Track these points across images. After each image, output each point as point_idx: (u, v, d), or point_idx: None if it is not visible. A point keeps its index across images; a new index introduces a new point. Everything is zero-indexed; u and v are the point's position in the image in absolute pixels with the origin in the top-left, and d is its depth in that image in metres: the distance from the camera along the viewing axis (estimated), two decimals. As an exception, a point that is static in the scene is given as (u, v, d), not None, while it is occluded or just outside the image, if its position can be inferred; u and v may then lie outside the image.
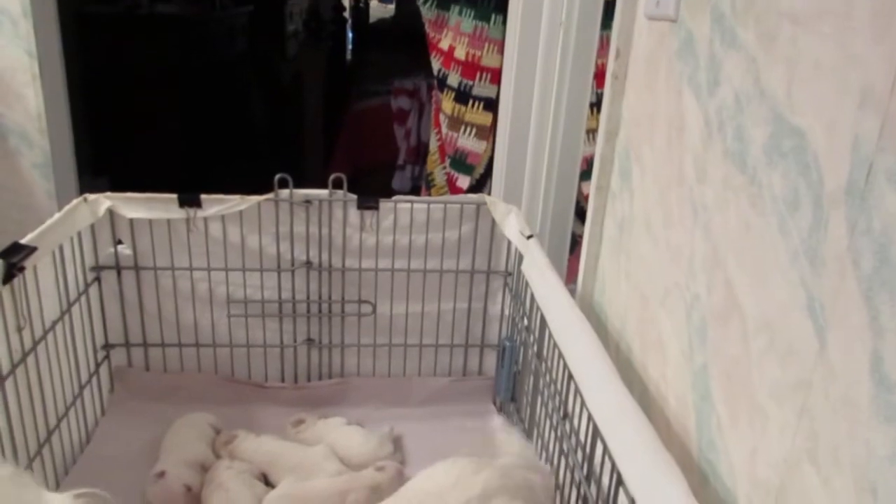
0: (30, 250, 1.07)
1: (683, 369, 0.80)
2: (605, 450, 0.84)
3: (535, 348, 1.17)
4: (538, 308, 1.15)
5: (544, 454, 1.13)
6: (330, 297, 1.44)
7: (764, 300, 0.64)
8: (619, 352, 0.98)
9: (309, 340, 1.46)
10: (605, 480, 0.83)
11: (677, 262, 0.83)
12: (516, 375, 1.33)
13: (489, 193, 1.85)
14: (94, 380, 1.36)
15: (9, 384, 1.05)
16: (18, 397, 1.08)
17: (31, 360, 1.11)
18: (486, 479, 0.79)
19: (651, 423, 0.70)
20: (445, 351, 1.49)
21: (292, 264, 1.41)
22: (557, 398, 1.03)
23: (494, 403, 1.49)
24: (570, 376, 0.97)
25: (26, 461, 1.10)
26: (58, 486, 1.21)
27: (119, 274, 1.39)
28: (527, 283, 1.24)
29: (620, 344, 0.99)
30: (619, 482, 0.78)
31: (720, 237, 0.72)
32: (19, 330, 1.08)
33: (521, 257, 1.29)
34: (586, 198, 1.71)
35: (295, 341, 1.46)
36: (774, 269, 0.62)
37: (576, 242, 1.99)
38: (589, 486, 0.87)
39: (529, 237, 1.20)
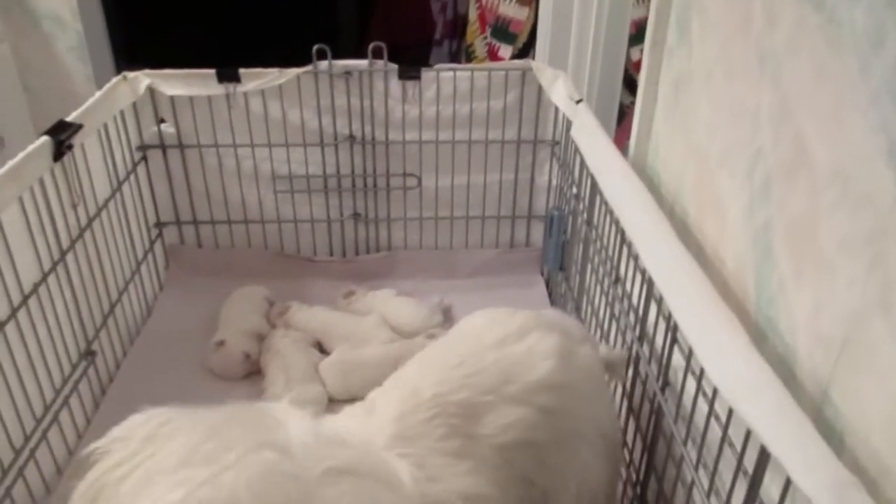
0: (76, 128, 1.07)
1: (743, 229, 0.78)
2: (659, 310, 0.84)
3: (585, 216, 1.15)
4: (588, 174, 1.12)
5: (594, 321, 1.13)
6: (374, 171, 1.43)
7: (837, 149, 0.61)
8: (673, 215, 0.96)
9: (355, 215, 1.46)
10: (659, 341, 0.83)
11: (740, 117, 0.79)
12: (564, 245, 1.32)
13: (533, 62, 1.77)
14: (150, 257, 1.39)
15: (70, 258, 1.08)
16: (80, 272, 1.11)
17: (88, 236, 1.13)
18: (524, 319, 0.81)
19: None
20: (492, 223, 1.49)
21: (335, 138, 1.39)
22: (609, 263, 1.02)
23: (542, 274, 1.50)
24: (623, 240, 0.96)
25: (93, 332, 1.15)
26: (125, 356, 1.26)
27: (165, 153, 1.39)
28: (575, 151, 1.21)
29: (675, 207, 0.96)
30: (674, 340, 0.78)
31: (790, 85, 0.68)
32: (74, 206, 1.09)
33: (568, 124, 1.25)
34: (635, 65, 1.64)
35: (341, 216, 1.47)
36: (851, 115, 0.59)
37: (623, 113, 1.93)
38: (641, 346, 0.87)
39: (578, 102, 1.16)
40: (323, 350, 1.27)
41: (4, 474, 0.90)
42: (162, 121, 1.38)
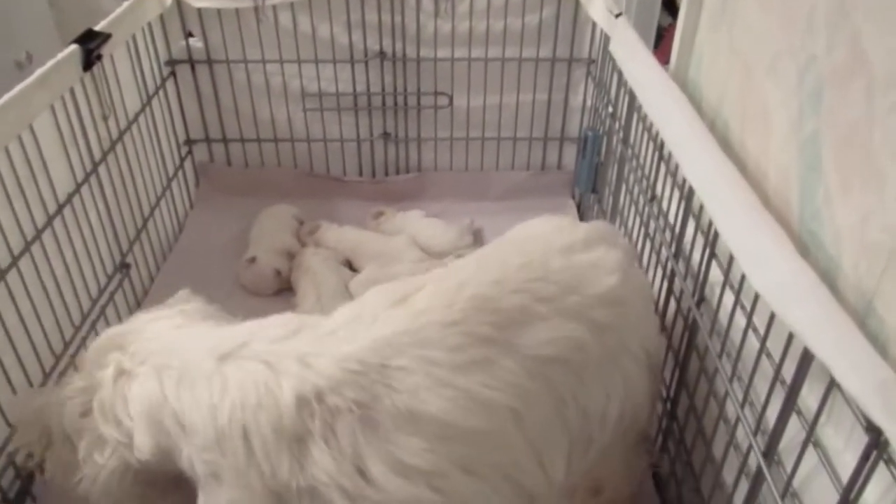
0: (104, 37, 1.05)
1: (789, 140, 0.75)
2: (697, 225, 0.82)
3: (621, 134, 1.12)
4: (625, 92, 1.09)
5: (628, 241, 1.12)
6: (405, 89, 1.40)
7: (897, 50, 0.58)
8: (714, 129, 0.93)
9: (385, 134, 1.45)
10: (696, 257, 0.82)
11: (792, 22, 0.75)
12: (598, 167, 1.30)
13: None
14: (180, 174, 1.39)
15: (102, 171, 1.08)
16: (113, 185, 1.12)
17: (119, 149, 1.13)
18: (588, 229, 0.78)
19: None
20: (523, 144, 1.46)
21: (365, 55, 1.36)
22: (644, 182, 1.00)
23: (573, 198, 1.48)
24: (661, 156, 0.94)
25: (127, 245, 1.16)
26: (158, 271, 1.28)
27: (193, 68, 1.37)
28: (612, 69, 1.17)
29: (717, 121, 0.93)
30: (712, 254, 0.77)
31: (849, -15, 0.64)
32: (105, 119, 1.09)
33: (606, 41, 1.21)
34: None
35: (371, 135, 1.45)
36: (916, 12, 0.55)
37: (661, 36, 1.86)
38: (677, 262, 0.86)
39: (618, 15, 1.12)
40: (352, 268, 1.28)
41: (46, 377, 0.93)
42: (190, 35, 1.36)
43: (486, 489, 0.61)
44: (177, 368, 0.64)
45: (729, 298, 0.72)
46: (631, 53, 1.02)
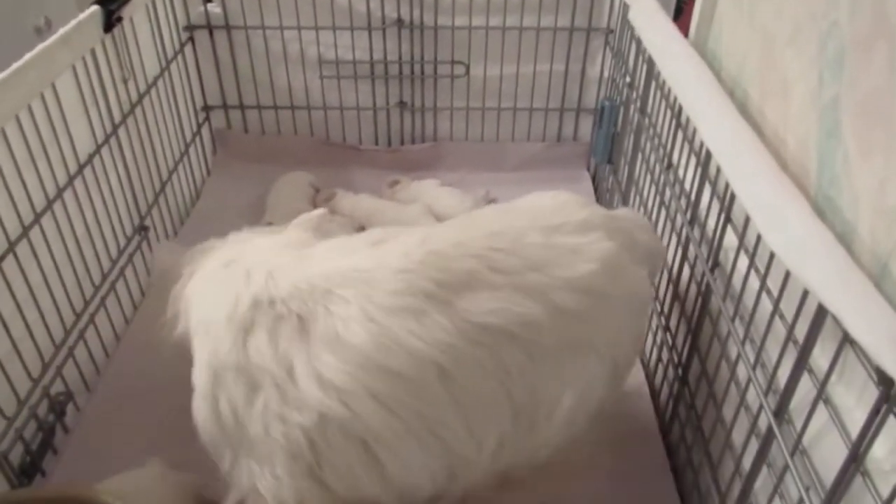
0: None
1: (809, 107, 0.75)
2: (713, 191, 0.82)
3: (639, 104, 1.12)
4: (643, 62, 1.09)
5: (642, 210, 1.12)
6: (422, 58, 1.40)
7: (921, 13, 0.58)
8: (733, 99, 0.93)
9: (401, 103, 1.45)
10: (711, 224, 0.82)
11: (814, -12, 0.75)
12: (614, 137, 1.30)
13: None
14: (198, 140, 1.41)
15: (122, 133, 1.09)
16: (132, 148, 1.13)
17: (138, 113, 1.14)
18: (592, 212, 0.78)
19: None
20: (540, 115, 1.46)
21: (383, 22, 1.36)
22: (661, 150, 1.00)
23: (588, 169, 1.48)
24: (678, 125, 0.94)
25: (146, 208, 1.18)
26: (176, 235, 1.29)
27: (211, 34, 1.38)
28: (631, 39, 1.17)
29: (736, 91, 0.93)
30: (727, 220, 0.77)
31: (874, -52, 0.64)
32: (125, 81, 1.10)
33: (625, 10, 1.21)
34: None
35: (387, 104, 1.45)
36: (941, -27, 0.55)
37: (680, 10, 1.85)
38: (692, 229, 0.86)
39: (638, -16, 1.11)
40: (368, 235, 1.29)
41: (67, 334, 0.95)
42: (208, 0, 1.36)
43: (399, 428, 0.64)
44: (200, 269, 0.78)
45: (743, 263, 0.73)
46: (650, 21, 1.01)
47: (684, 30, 1.12)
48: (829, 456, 0.58)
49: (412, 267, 0.67)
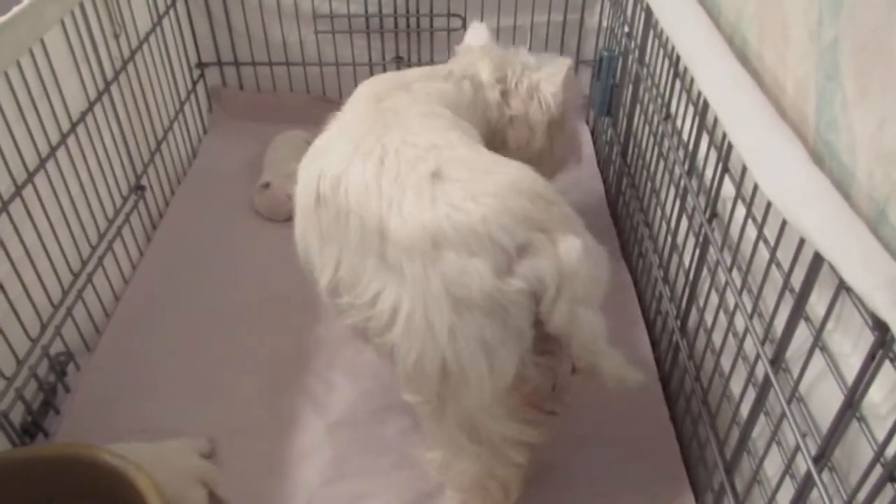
0: (112, -47, 1.04)
1: (808, 50, 0.73)
2: (711, 140, 0.81)
3: (637, 54, 1.10)
4: (642, 9, 1.06)
5: (640, 163, 1.11)
6: (418, 11, 1.37)
7: (924, -51, 0.56)
8: (732, 46, 0.91)
9: (398, 58, 1.43)
10: (709, 173, 0.81)
11: (816, -73, 0.72)
12: (613, 89, 1.28)
13: None
14: (193, 98, 1.39)
15: (115, 91, 1.08)
16: (126, 106, 1.11)
17: (131, 69, 1.13)
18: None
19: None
20: (538, 68, 1.43)
21: (377, -26, 1.33)
22: (659, 101, 0.99)
23: (587, 122, 1.46)
24: (676, 74, 0.92)
25: (141, 167, 1.17)
26: (173, 195, 1.29)
27: (203, -12, 1.35)
28: (630, -14, 1.14)
29: (735, 37, 0.91)
30: (725, 169, 0.76)
31: None
32: (116, 37, 1.08)
33: (624, -43, 1.18)
34: None
35: (384, 59, 1.43)
36: None
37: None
38: (690, 179, 0.85)
39: (637, -71, 1.08)
40: (366, 192, 1.28)
41: (65, 294, 0.95)
42: (199, -46, 1.33)
43: None
44: None
45: (740, 213, 0.72)
46: (649, -33, 0.99)
47: (685, -23, 1.10)
48: (826, 403, 0.58)
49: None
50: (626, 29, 1.17)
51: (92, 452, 0.71)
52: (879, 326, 0.47)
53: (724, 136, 0.73)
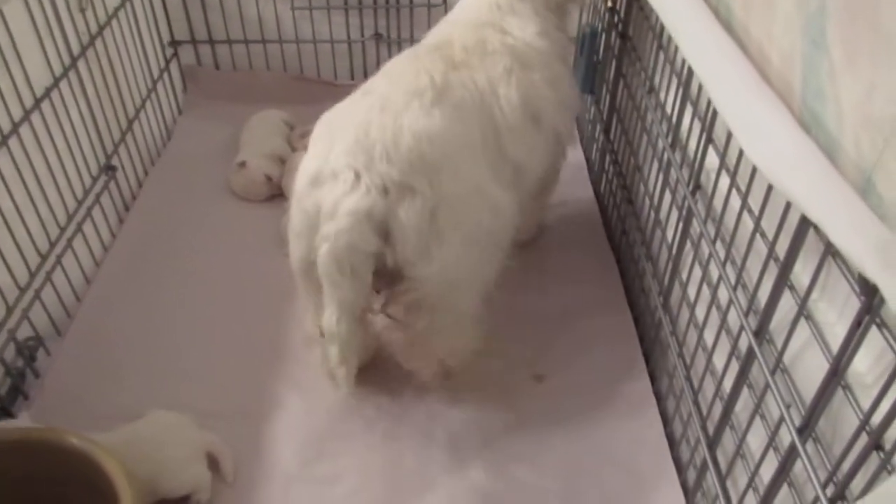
0: (77, -77, 1.00)
1: (794, 18, 0.72)
2: (695, 111, 0.80)
3: (620, 28, 1.08)
4: (625, -18, 1.04)
5: (623, 139, 1.09)
6: (397, -14, 1.35)
7: None
8: (717, 15, 0.90)
9: (377, 35, 1.40)
10: (692, 146, 0.80)
11: None
12: (596, 66, 1.26)
13: None
14: (166, 77, 1.35)
15: (82, 67, 1.04)
16: (94, 83, 1.08)
17: (99, 46, 1.09)
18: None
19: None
20: (520, 45, 1.41)
21: (354, -52, 1.30)
22: (643, 74, 0.97)
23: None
24: (660, 46, 0.90)
25: (112, 147, 1.14)
26: (146, 175, 1.26)
27: (175, -36, 1.32)
28: (612, -41, 1.12)
29: (720, 9, 0.89)
30: (709, 139, 0.74)
31: None
32: (82, 11, 1.05)
33: (606, -70, 1.15)
34: None
35: (362, 36, 1.40)
36: None
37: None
38: (674, 152, 0.84)
39: None
40: (344, 172, 1.25)
41: (32, 277, 0.92)
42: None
43: None
44: None
45: (724, 184, 0.71)
46: (631, -63, 0.97)
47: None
48: (810, 374, 0.57)
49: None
50: (609, 3, 1.15)
51: (57, 435, 0.68)
52: (867, 291, 0.46)
53: (709, 105, 0.72)
